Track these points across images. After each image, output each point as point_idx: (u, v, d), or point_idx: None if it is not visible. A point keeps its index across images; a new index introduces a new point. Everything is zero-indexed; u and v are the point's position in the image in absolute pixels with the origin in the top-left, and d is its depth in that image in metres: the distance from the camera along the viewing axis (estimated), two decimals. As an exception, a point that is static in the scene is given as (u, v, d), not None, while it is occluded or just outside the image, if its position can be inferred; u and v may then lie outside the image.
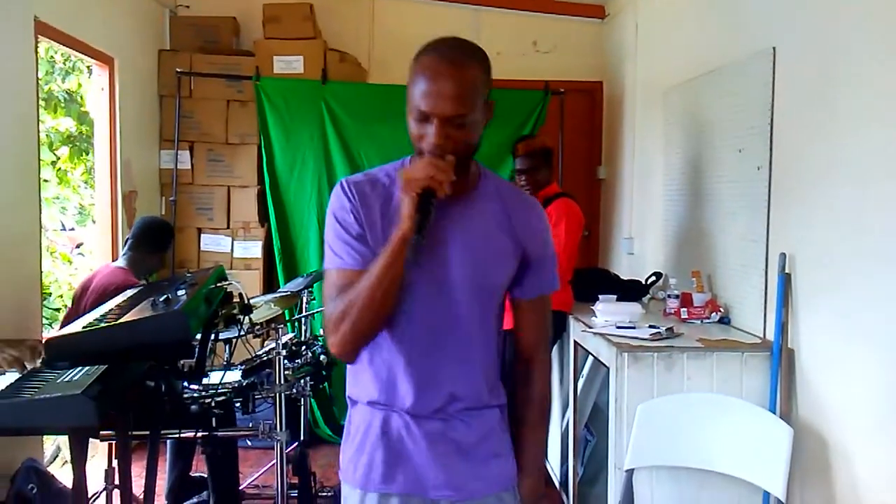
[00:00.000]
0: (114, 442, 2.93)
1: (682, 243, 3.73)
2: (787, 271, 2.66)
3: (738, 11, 3.18)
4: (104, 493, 3.05)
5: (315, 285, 4.18)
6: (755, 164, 2.90)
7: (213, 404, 2.56)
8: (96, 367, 1.97)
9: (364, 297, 1.40)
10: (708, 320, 3.12)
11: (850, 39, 2.34)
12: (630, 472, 2.43)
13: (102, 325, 2.05)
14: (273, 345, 2.87)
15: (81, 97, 5.15)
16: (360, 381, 1.54)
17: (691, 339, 2.80)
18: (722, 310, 3.14)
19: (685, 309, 3.17)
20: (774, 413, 2.57)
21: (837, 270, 2.40)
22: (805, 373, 2.58)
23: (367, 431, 1.53)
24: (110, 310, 2.28)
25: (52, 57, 4.95)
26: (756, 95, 2.89)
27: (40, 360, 2.07)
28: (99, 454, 3.69)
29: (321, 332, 4.35)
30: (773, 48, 2.78)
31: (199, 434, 2.66)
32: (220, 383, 2.67)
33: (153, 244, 3.36)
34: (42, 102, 4.05)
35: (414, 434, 1.51)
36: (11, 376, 2.00)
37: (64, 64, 5.11)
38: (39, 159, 3.50)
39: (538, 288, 1.58)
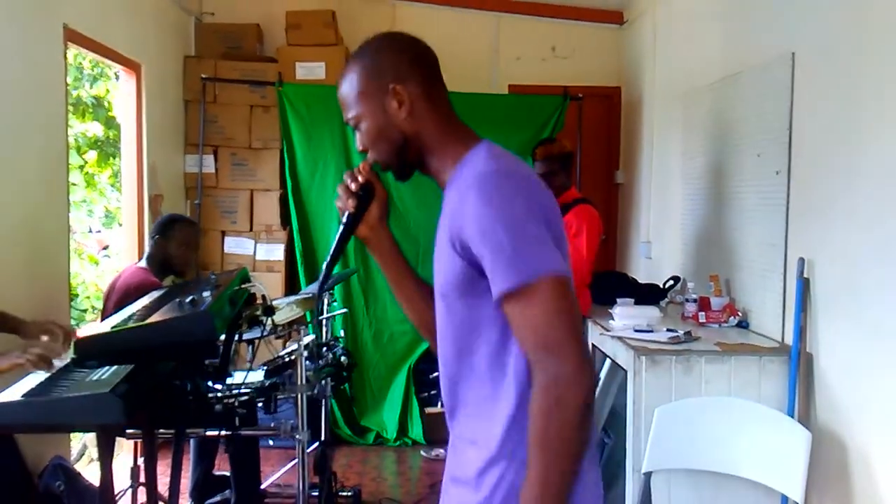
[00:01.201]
0: (140, 440, 2.99)
1: (701, 247, 3.73)
2: (805, 276, 2.66)
3: (756, 17, 3.19)
4: (130, 491, 3.11)
5: (336, 287, 4.22)
6: (774, 169, 2.90)
7: (236, 404, 2.60)
8: (124, 366, 2.02)
9: None
10: (726, 324, 3.12)
11: (869, 44, 2.35)
12: (648, 475, 2.44)
13: (130, 325, 2.10)
14: (295, 346, 2.91)
15: (109, 102, 5.25)
16: None
17: (709, 343, 2.80)
18: (740, 314, 3.14)
19: (703, 313, 3.17)
20: (793, 417, 2.57)
21: (857, 275, 2.40)
22: (823, 377, 2.58)
23: None
24: (137, 310, 2.34)
25: (80, 63, 5.05)
26: (775, 100, 2.89)
27: (66, 347, 2.13)
28: (124, 452, 3.75)
29: (341, 333, 4.40)
30: (793, 53, 2.78)
31: (223, 433, 2.70)
32: (244, 383, 2.72)
33: (155, 233, 3.37)
34: (70, 108, 4.13)
35: None
36: (42, 375, 2.05)
37: (92, 70, 5.21)
38: (68, 163, 3.57)
39: (493, 287, 1.20)
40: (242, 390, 2.64)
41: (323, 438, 3.42)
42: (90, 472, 3.54)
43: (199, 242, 3.47)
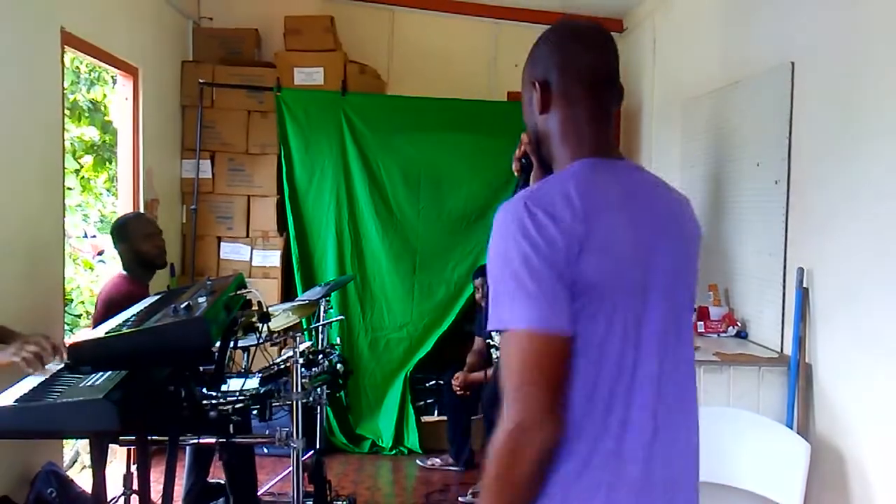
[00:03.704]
0: (133, 447, 2.96)
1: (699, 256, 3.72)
2: (805, 286, 2.66)
3: (755, 26, 3.19)
4: (122, 498, 3.08)
5: (332, 294, 4.20)
6: (773, 178, 2.90)
7: (231, 411, 2.58)
8: (118, 372, 2.00)
9: None
10: (725, 334, 3.11)
11: (869, 54, 2.35)
12: (645, 484, 2.42)
13: (124, 330, 2.08)
14: (290, 353, 2.89)
15: (105, 107, 5.23)
16: None
17: (708, 353, 2.79)
18: (739, 324, 3.13)
19: (702, 322, 3.16)
20: (791, 428, 2.56)
21: (856, 285, 2.39)
22: (822, 388, 2.56)
23: None
24: (132, 315, 2.32)
25: (77, 67, 5.03)
26: (774, 110, 2.89)
27: (58, 357, 2.10)
28: (118, 459, 3.72)
29: (338, 340, 4.38)
30: (792, 63, 2.78)
31: (218, 440, 2.68)
32: (239, 390, 2.70)
33: (115, 244, 3.35)
34: (67, 112, 4.11)
35: None
36: (35, 380, 2.03)
37: (89, 74, 5.19)
38: (64, 167, 3.55)
39: None
40: (238, 397, 2.63)
41: (318, 446, 3.40)
42: (83, 478, 3.51)
43: (157, 227, 3.42)
